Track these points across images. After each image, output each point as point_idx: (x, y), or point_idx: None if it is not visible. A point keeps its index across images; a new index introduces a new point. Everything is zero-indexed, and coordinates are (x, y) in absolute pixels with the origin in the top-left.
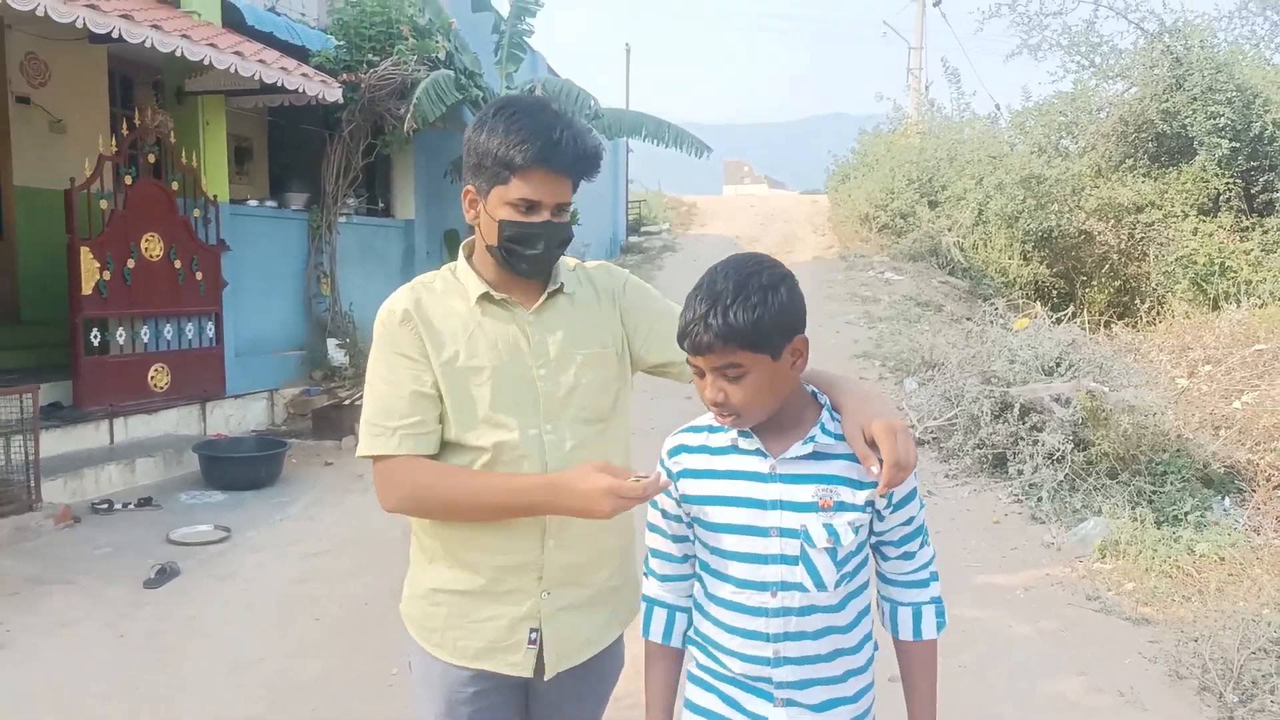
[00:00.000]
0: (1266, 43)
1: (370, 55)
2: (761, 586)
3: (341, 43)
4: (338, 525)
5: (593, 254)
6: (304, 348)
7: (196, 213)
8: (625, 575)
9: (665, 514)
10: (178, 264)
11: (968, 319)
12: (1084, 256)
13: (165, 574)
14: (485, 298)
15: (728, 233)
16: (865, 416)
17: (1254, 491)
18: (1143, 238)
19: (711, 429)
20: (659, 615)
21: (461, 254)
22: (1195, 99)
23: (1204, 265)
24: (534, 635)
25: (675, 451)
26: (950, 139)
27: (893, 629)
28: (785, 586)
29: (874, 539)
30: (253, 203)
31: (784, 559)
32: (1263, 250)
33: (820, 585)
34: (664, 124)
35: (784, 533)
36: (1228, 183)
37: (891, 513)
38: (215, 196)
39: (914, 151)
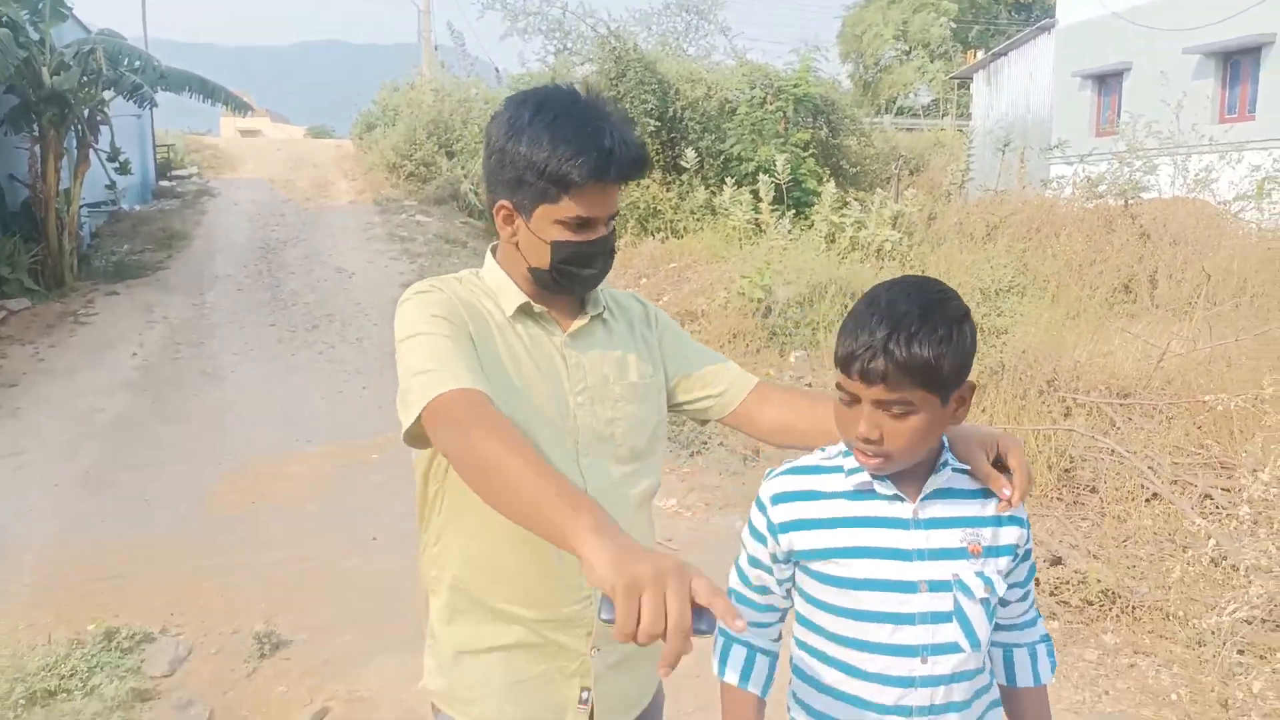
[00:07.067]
0: (684, 37)
1: None
2: (909, 651)
3: None
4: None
5: (126, 200)
6: None
7: None
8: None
9: (755, 562)
10: None
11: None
12: None
13: None
14: (524, 310)
15: (261, 176)
16: (978, 437)
17: None
18: None
19: (820, 469)
20: (738, 653)
21: (489, 257)
22: (632, 88)
23: (645, 210)
24: (586, 695)
25: (780, 499)
26: (460, 97)
27: (1008, 677)
28: (936, 650)
29: None
30: None
31: (935, 617)
32: (679, 198)
33: (976, 644)
34: (209, 83)
35: (934, 586)
36: (656, 150)
37: (1024, 559)
38: None
39: (430, 109)
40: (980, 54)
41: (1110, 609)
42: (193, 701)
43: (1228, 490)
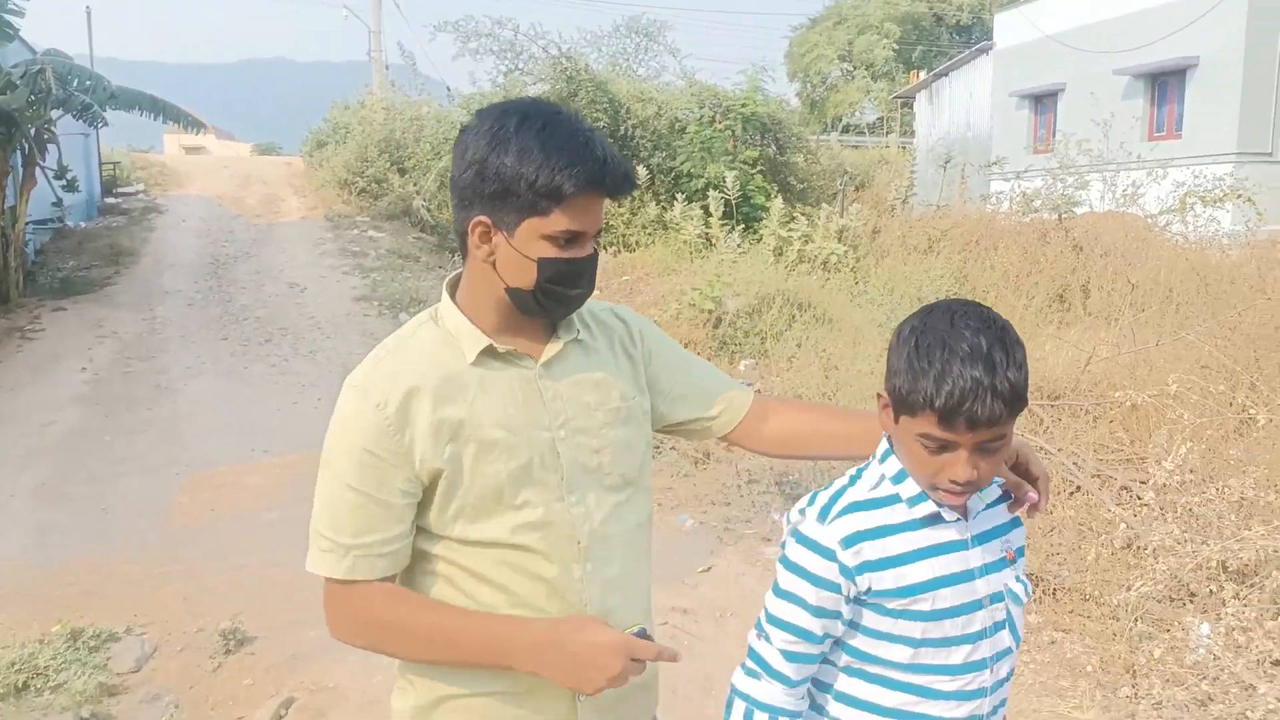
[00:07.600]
0: (634, 58)
1: None
2: (981, 665)
3: None
4: None
5: (72, 217)
6: None
7: None
8: (653, 670)
9: (821, 612)
10: None
11: (441, 267)
12: None
13: None
14: (488, 353)
15: (209, 194)
16: None
17: None
18: None
19: (878, 502)
20: None
21: (445, 294)
22: (584, 107)
23: None
24: None
25: (851, 541)
26: (411, 115)
27: None
28: (997, 657)
29: None
30: None
31: (995, 627)
32: (631, 214)
33: (1018, 642)
34: (160, 101)
35: (993, 599)
36: None
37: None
38: None
39: (382, 126)
40: (923, 74)
41: (1034, 592)
42: (160, 695)
43: (1144, 483)
